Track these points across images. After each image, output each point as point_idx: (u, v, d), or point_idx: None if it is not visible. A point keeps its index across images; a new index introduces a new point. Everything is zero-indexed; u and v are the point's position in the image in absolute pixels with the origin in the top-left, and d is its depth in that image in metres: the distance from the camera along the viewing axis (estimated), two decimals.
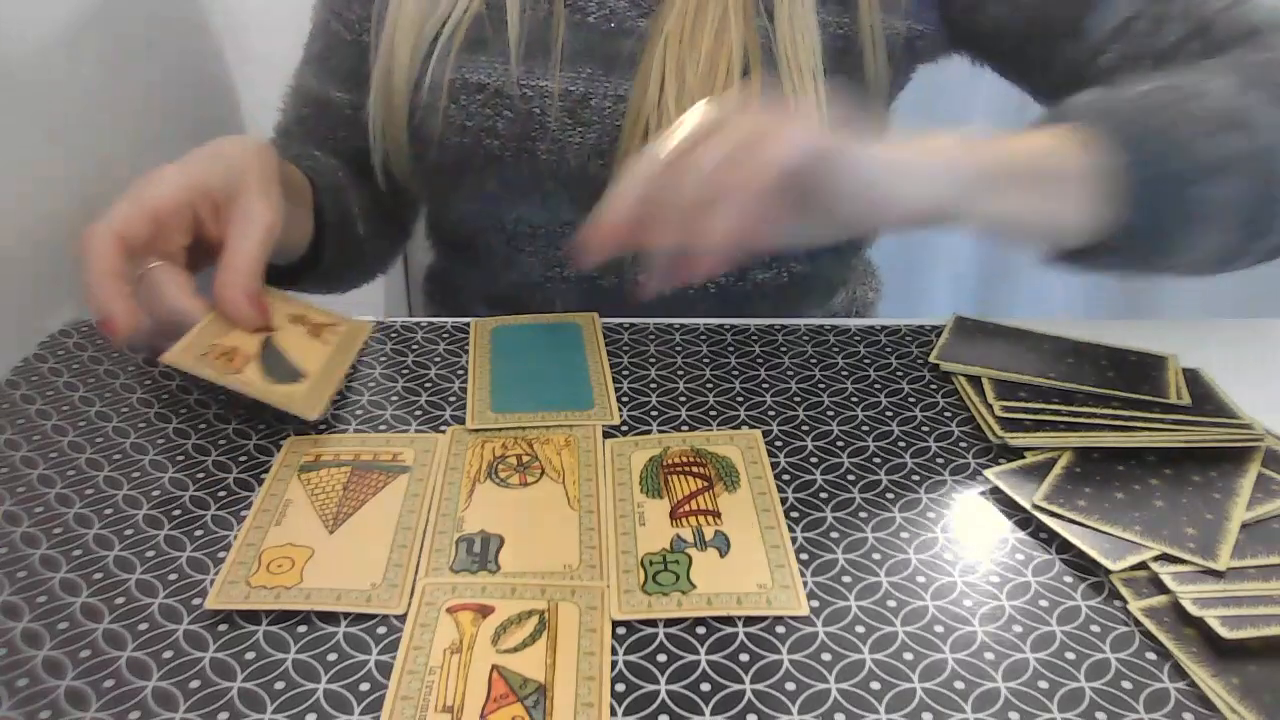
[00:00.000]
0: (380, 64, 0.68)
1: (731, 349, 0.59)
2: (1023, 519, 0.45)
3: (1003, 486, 0.46)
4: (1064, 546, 0.43)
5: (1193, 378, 0.54)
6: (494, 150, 0.66)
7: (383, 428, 0.52)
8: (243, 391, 0.49)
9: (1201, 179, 0.49)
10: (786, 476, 0.48)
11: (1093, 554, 0.42)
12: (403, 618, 0.40)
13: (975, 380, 0.54)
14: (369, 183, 0.78)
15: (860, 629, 0.39)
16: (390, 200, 0.79)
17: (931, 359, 0.57)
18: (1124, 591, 0.41)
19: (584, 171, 0.66)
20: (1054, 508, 0.45)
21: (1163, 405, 0.51)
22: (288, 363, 0.53)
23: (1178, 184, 0.49)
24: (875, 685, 0.37)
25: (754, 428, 0.51)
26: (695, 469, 0.48)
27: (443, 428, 0.52)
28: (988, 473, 0.48)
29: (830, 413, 0.53)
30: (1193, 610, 0.39)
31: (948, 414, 0.53)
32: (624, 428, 0.51)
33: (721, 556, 0.42)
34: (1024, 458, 0.49)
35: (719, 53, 0.62)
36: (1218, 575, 0.41)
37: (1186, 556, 0.42)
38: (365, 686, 0.37)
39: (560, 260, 0.71)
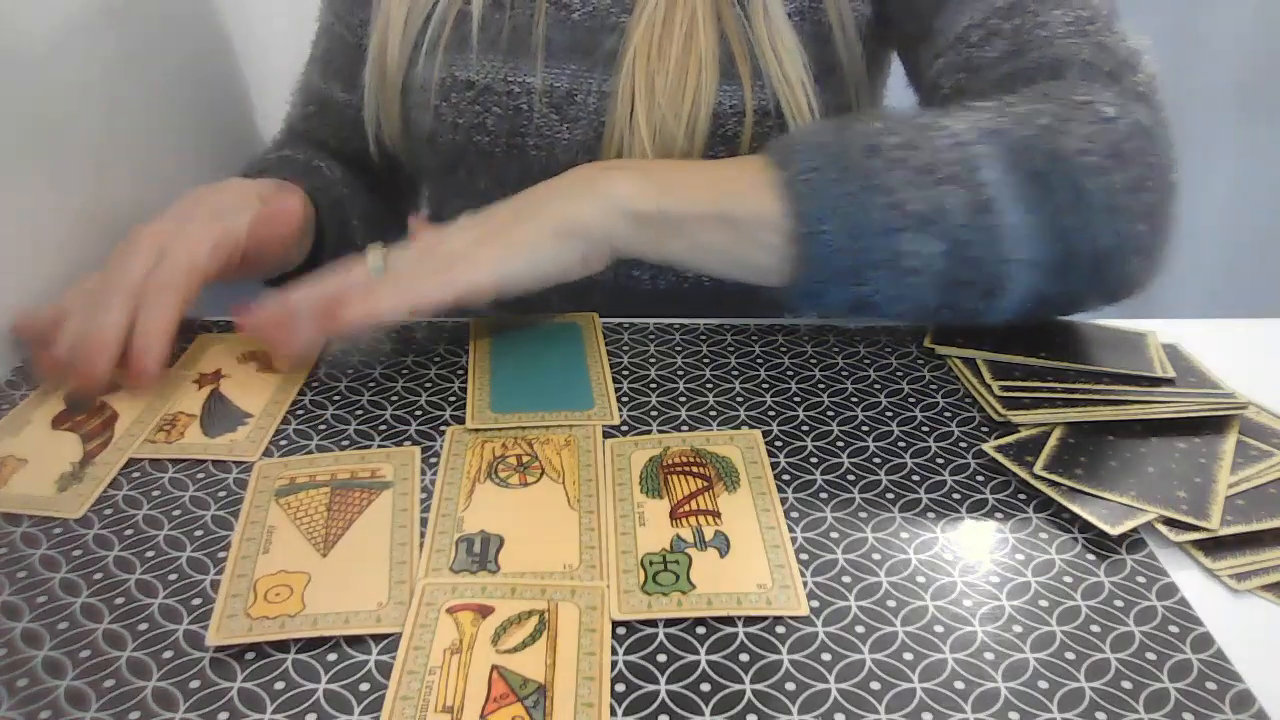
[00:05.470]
0: (372, 64, 0.69)
1: (731, 349, 0.59)
2: (1022, 519, 0.45)
3: (1000, 459, 0.48)
4: (1065, 547, 0.43)
5: (1173, 352, 0.55)
6: (484, 147, 0.67)
7: (383, 428, 0.52)
8: (186, 456, 0.50)
9: (901, 230, 0.49)
10: (786, 477, 0.48)
11: (1092, 520, 0.44)
12: (393, 633, 0.39)
13: (970, 362, 0.56)
14: (370, 185, 0.78)
15: (860, 629, 0.39)
16: (393, 192, 0.80)
17: (925, 344, 0.58)
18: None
19: (572, 167, 0.66)
20: (1054, 476, 0.46)
21: (1150, 379, 0.53)
22: (232, 409, 0.53)
23: (876, 234, 0.49)
24: (875, 685, 0.37)
25: (754, 428, 0.51)
26: (695, 469, 0.48)
27: (442, 428, 0.52)
28: (985, 446, 0.49)
29: (830, 413, 0.53)
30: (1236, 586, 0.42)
31: (947, 414, 0.53)
32: (624, 428, 0.51)
33: (721, 557, 0.42)
34: (1019, 432, 0.50)
35: (688, 59, 0.62)
36: (1238, 544, 0.43)
37: (1180, 518, 0.44)
38: (365, 686, 0.37)
39: None
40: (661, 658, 0.38)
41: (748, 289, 0.72)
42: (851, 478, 0.48)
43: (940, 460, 0.49)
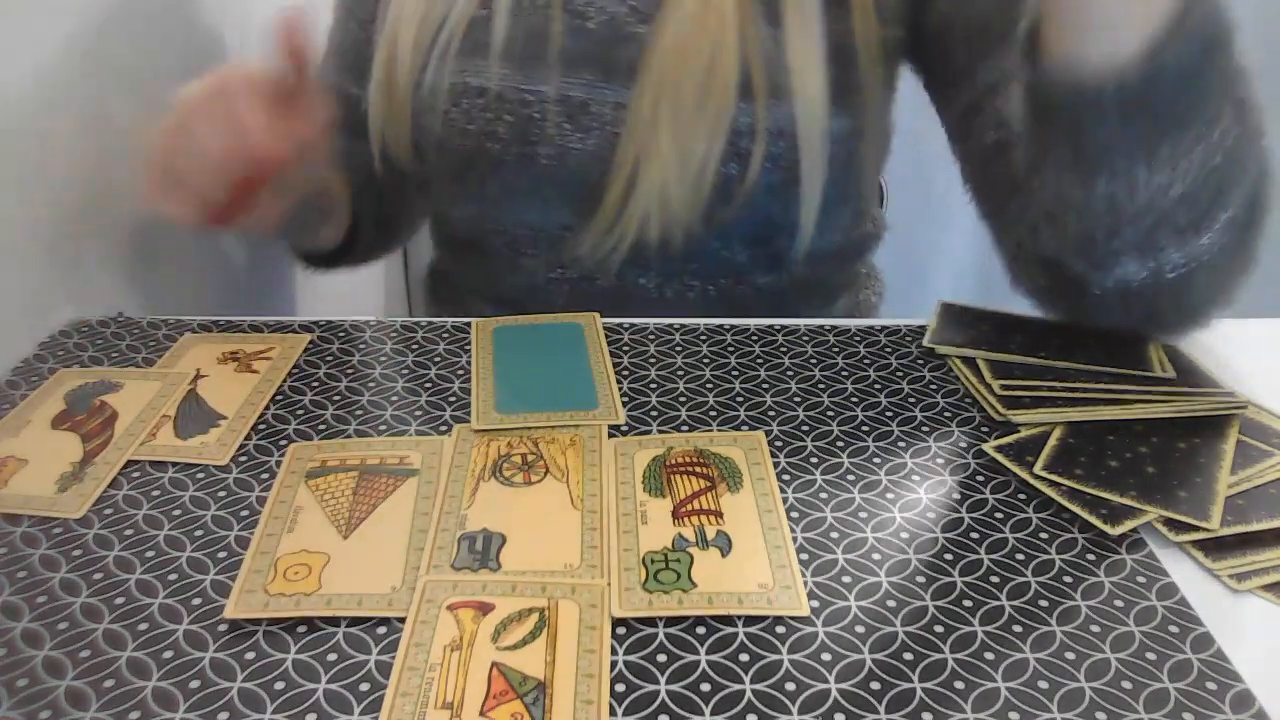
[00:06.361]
0: (381, 62, 0.68)
1: (731, 349, 0.59)
2: (1022, 519, 0.45)
3: (1000, 459, 0.48)
4: (1065, 547, 0.43)
5: (1173, 352, 0.56)
6: (495, 154, 0.66)
7: (383, 428, 0.52)
8: (156, 458, 0.50)
9: (1235, 83, 0.47)
10: (787, 477, 0.48)
11: (1092, 520, 0.44)
12: (403, 617, 0.40)
13: (970, 362, 0.56)
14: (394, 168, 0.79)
15: (860, 629, 0.39)
16: (403, 195, 0.80)
17: (925, 343, 0.58)
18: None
19: (583, 177, 0.66)
20: (1053, 476, 0.47)
21: (1150, 379, 0.53)
22: (206, 411, 0.53)
23: (1216, 49, 0.46)
24: (875, 685, 0.37)
25: (754, 428, 0.51)
26: (698, 469, 0.48)
27: (443, 428, 0.52)
28: (985, 446, 0.49)
29: (830, 413, 0.53)
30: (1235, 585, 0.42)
31: (947, 414, 0.53)
32: (624, 427, 0.51)
33: (723, 556, 0.42)
34: (1019, 432, 0.50)
35: (715, 70, 0.61)
36: (1238, 545, 0.43)
37: (1180, 518, 0.44)
38: (365, 686, 0.37)
39: (561, 263, 0.70)
40: (661, 657, 0.38)
41: (752, 298, 0.72)
42: (851, 478, 0.48)
43: (940, 460, 0.49)
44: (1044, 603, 0.41)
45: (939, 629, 0.39)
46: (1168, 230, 0.49)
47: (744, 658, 0.38)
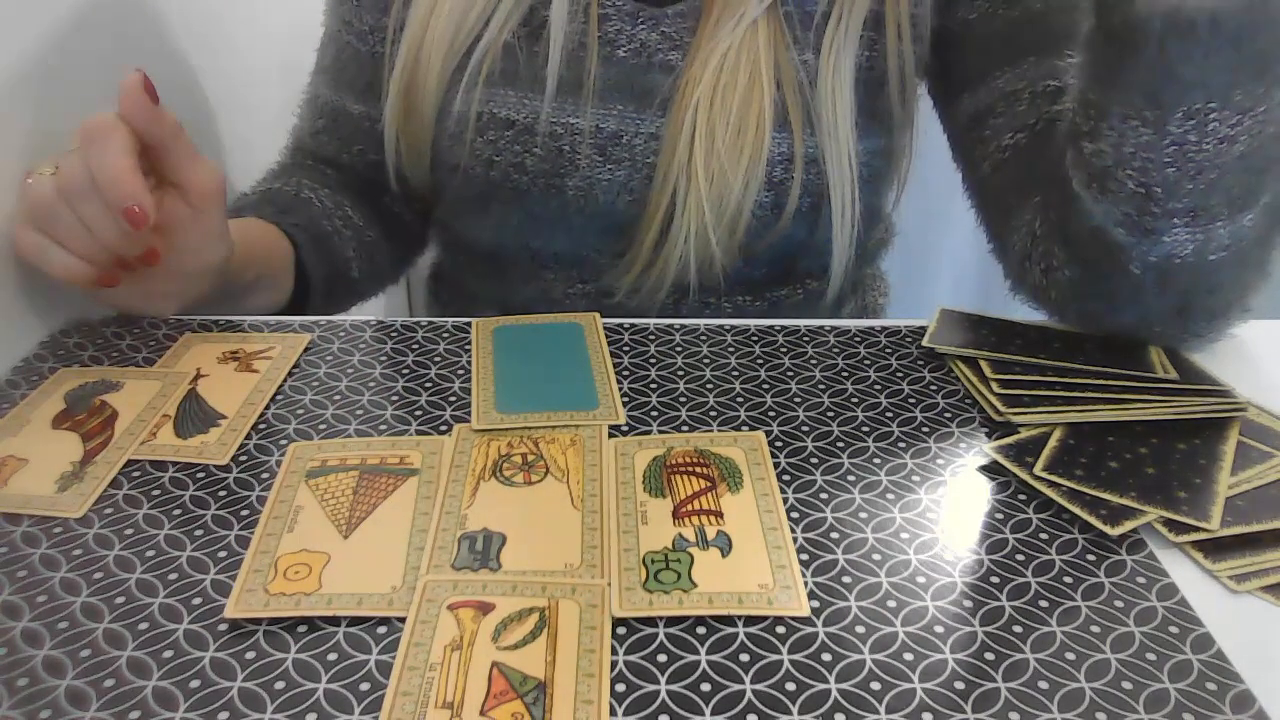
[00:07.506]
0: (400, 84, 0.66)
1: (731, 350, 0.59)
2: (1022, 520, 0.45)
3: (1000, 460, 0.48)
4: (1065, 547, 0.43)
5: (1173, 353, 0.56)
6: (521, 185, 0.65)
7: (383, 428, 0.52)
8: (156, 457, 0.49)
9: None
10: (787, 477, 0.48)
11: (1092, 520, 0.44)
12: (403, 617, 0.40)
13: (970, 362, 0.56)
14: (380, 211, 0.76)
15: (860, 629, 0.39)
16: (405, 212, 0.77)
17: (924, 343, 0.58)
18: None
19: (613, 207, 0.65)
20: (1053, 477, 0.47)
21: (1151, 380, 0.53)
22: (206, 410, 0.53)
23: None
24: (875, 685, 0.37)
25: (754, 428, 0.51)
26: (699, 469, 0.48)
27: (444, 427, 0.52)
28: (985, 447, 0.49)
29: (830, 414, 0.53)
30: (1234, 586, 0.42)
31: (947, 415, 0.53)
32: (624, 428, 0.51)
33: (723, 556, 0.42)
34: (1019, 433, 0.50)
35: (750, 101, 0.61)
36: (1238, 546, 0.44)
37: (1180, 518, 0.44)
38: (365, 686, 0.37)
39: (582, 278, 0.70)
40: (662, 658, 0.38)
41: (766, 310, 0.71)
42: (851, 478, 0.48)
43: (940, 460, 0.49)
44: (1044, 603, 0.41)
45: (939, 629, 0.39)
46: (1222, 195, 0.48)
47: (744, 658, 0.38)
